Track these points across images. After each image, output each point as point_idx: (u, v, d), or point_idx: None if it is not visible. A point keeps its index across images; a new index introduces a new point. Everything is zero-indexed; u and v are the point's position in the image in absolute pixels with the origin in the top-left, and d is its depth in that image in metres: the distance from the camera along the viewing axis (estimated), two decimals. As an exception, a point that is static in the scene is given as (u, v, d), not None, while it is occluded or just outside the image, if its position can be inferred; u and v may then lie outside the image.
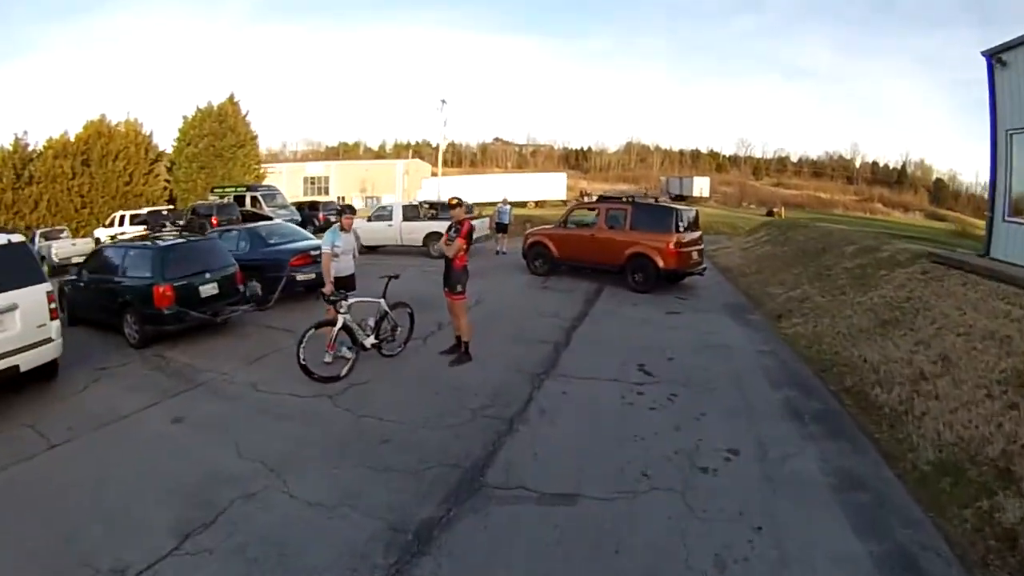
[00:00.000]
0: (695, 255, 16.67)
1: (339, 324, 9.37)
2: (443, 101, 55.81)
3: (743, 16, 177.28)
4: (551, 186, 69.98)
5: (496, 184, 68.46)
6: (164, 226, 14.68)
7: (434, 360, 10.19)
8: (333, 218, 32.17)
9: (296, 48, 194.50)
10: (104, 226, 32.55)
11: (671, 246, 15.67)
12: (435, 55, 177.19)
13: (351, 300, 9.72)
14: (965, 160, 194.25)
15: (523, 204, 65.12)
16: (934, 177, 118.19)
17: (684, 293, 16.14)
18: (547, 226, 20.18)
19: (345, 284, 10.22)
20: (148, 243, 12.73)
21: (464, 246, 9.85)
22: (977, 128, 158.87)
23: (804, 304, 13.93)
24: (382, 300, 10.12)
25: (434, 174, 68.55)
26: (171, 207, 32.29)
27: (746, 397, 8.51)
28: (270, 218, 31.22)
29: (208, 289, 12.41)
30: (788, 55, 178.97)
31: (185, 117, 41.31)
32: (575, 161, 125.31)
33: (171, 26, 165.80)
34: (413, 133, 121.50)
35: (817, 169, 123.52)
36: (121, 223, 30.55)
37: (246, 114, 42.28)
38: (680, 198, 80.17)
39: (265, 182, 41.12)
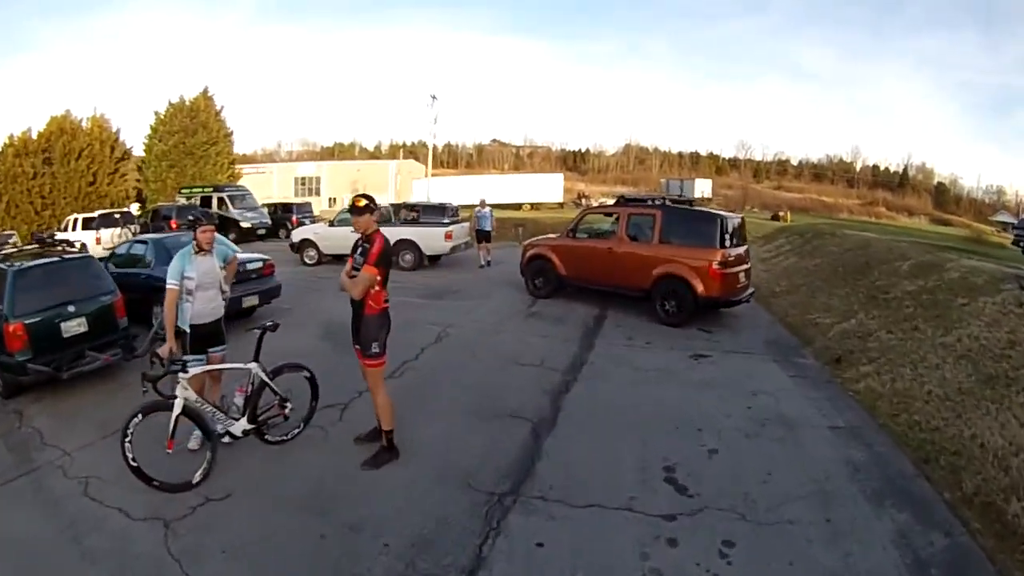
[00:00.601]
0: (742, 276, 12.95)
1: (176, 408, 5.63)
2: (433, 97, 52.45)
3: (742, 18, 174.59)
4: (547, 188, 66.82)
5: (490, 185, 65.16)
6: (46, 241, 10.86)
7: (342, 453, 6.48)
8: (308, 221, 29.07)
9: (294, 48, 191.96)
10: (59, 230, 28.96)
11: (715, 266, 11.94)
12: (433, 56, 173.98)
13: (199, 368, 5.98)
14: (966, 164, 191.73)
15: (518, 206, 63.07)
16: (935, 181, 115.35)
17: (709, 322, 12.49)
18: (552, 236, 16.04)
19: (204, 337, 6.40)
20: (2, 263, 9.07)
21: (378, 278, 5.93)
22: (979, 131, 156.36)
23: (868, 343, 10.37)
24: (254, 365, 6.27)
25: (395, 172, 65.94)
26: (125, 210, 28.81)
27: (841, 537, 4.99)
28: (237, 221, 28.42)
29: (72, 326, 8.95)
30: (788, 58, 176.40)
31: (157, 112, 37.80)
32: (573, 163, 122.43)
33: (167, 24, 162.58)
34: (409, 134, 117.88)
35: (818, 172, 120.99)
36: (75, 227, 26.98)
37: (220, 110, 38.74)
38: (681, 201, 76.43)
39: (241, 182, 37.78)
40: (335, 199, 69.50)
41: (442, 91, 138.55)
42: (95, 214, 27.62)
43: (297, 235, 21.14)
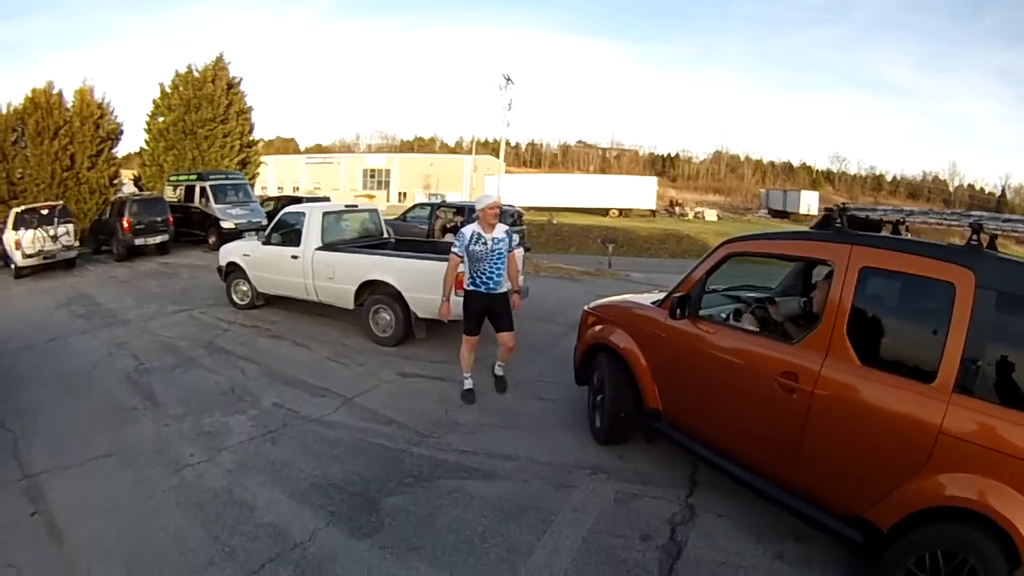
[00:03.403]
0: None
1: None
2: (507, 78, 42.44)
3: (832, 27, 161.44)
4: (638, 192, 57.00)
5: (574, 186, 57.51)
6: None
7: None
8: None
9: (381, 42, 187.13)
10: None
11: None
12: (519, 54, 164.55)
13: None
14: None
15: (604, 212, 54.34)
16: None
17: None
18: (635, 300, 5.93)
19: None
20: None
21: None
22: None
23: None
24: None
25: (471, 167, 57.26)
26: (55, 204, 19.98)
27: None
28: (218, 220, 20.38)
29: None
30: (882, 69, 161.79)
31: (161, 84, 29.18)
32: (661, 167, 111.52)
33: (245, 18, 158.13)
34: (492, 131, 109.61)
35: (912, 190, 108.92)
36: (16, 225, 18.34)
37: (237, 82, 29.58)
38: (783, 214, 67.11)
39: (307, 172, 29.01)
40: (405, 193, 62.38)
41: (528, 89, 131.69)
42: (22, 208, 18.87)
43: (224, 255, 11.41)
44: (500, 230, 6.45)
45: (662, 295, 5.53)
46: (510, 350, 6.77)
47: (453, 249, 6.45)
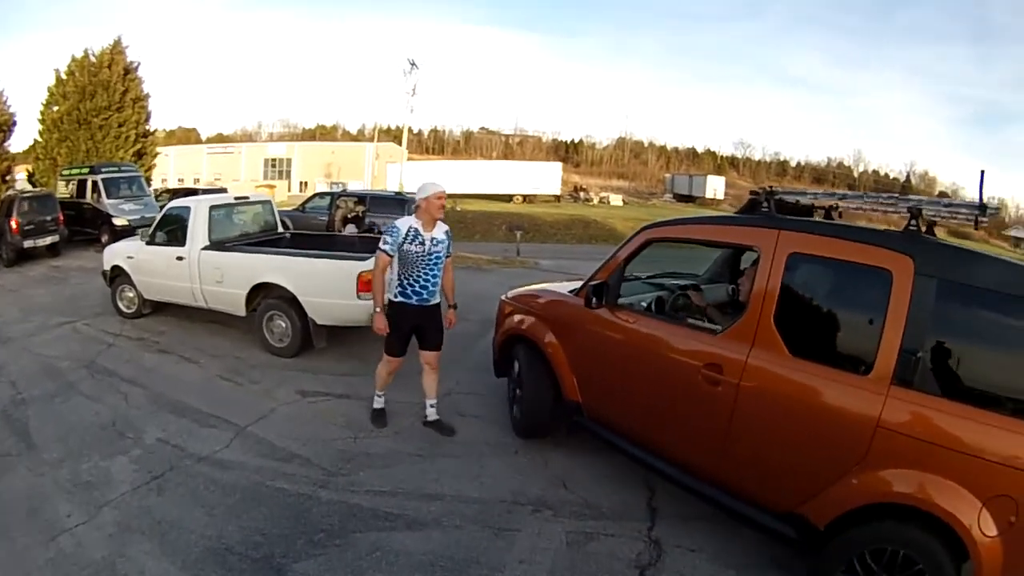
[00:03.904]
0: None
1: None
2: (412, 64, 41.96)
3: (743, 22, 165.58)
4: (543, 178, 57.74)
5: (478, 173, 57.25)
6: None
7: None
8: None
9: (281, 30, 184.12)
10: None
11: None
12: (421, 43, 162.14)
13: None
14: (965, 175, 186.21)
15: (508, 198, 54.61)
16: (937, 191, 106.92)
17: None
18: (551, 288, 5.87)
19: None
20: None
21: None
22: (978, 144, 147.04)
23: None
24: None
25: (372, 155, 57.02)
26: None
27: None
28: (110, 216, 18.67)
29: None
30: (787, 61, 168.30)
31: (56, 71, 27.20)
32: (565, 153, 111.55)
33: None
34: (394, 119, 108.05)
35: (818, 175, 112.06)
36: None
37: (135, 68, 27.71)
38: (689, 199, 68.65)
39: (208, 162, 27.47)
40: (306, 183, 60.95)
41: (432, 76, 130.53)
42: None
43: (108, 257, 10.46)
44: (440, 230, 5.57)
45: (580, 283, 5.33)
46: (435, 371, 5.89)
47: (383, 246, 5.43)
